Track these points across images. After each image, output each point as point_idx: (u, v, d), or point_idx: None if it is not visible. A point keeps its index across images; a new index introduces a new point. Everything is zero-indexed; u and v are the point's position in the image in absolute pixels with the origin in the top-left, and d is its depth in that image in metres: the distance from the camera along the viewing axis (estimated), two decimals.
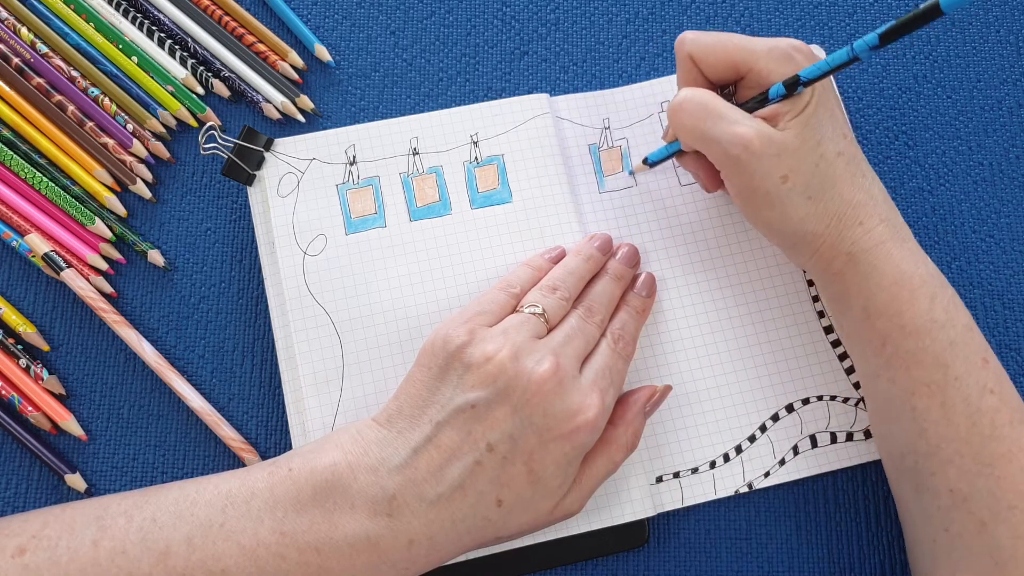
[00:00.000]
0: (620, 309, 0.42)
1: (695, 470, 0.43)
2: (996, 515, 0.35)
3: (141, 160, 0.47)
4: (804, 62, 0.38)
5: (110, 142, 0.47)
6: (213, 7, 0.50)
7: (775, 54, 0.38)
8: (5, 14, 0.49)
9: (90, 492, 0.43)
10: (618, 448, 0.39)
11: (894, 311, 0.38)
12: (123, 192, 0.47)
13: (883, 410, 0.39)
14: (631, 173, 0.47)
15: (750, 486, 0.43)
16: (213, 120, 0.48)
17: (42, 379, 0.44)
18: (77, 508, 0.35)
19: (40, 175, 0.46)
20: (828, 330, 0.45)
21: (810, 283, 0.45)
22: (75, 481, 0.43)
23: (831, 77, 0.38)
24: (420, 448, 0.35)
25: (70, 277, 0.44)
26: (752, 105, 0.39)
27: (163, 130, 0.48)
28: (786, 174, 0.38)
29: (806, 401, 0.44)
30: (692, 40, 0.40)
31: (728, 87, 0.42)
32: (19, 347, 0.45)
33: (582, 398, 0.36)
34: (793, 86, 0.37)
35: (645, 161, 0.46)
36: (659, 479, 0.42)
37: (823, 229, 0.38)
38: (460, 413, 0.35)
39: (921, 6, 0.31)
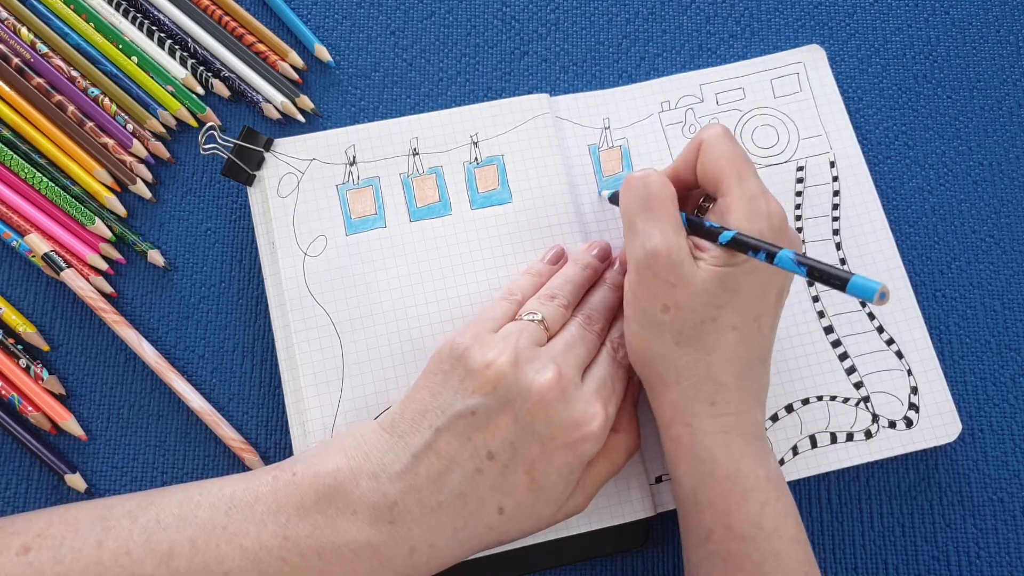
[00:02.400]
0: (618, 318, 0.42)
1: None
2: None
3: (141, 160, 0.47)
4: (768, 234, 0.35)
5: (110, 142, 0.47)
6: (213, 7, 0.50)
7: (753, 204, 0.36)
8: (5, 14, 0.49)
9: (90, 492, 0.43)
10: (620, 451, 0.39)
11: (722, 508, 0.36)
12: (123, 192, 0.47)
13: None
14: (600, 194, 0.47)
15: None
16: (213, 120, 0.48)
17: (42, 379, 0.44)
18: (81, 508, 0.35)
19: (40, 175, 0.46)
20: (828, 330, 0.45)
21: (810, 283, 0.45)
22: (75, 481, 0.43)
23: (789, 289, 0.38)
24: (420, 454, 0.35)
25: (70, 277, 0.44)
26: (701, 229, 0.37)
27: (163, 130, 0.48)
28: (669, 305, 0.36)
29: (806, 401, 0.44)
30: (714, 134, 0.38)
31: (706, 200, 0.40)
32: (19, 347, 0.45)
33: (585, 408, 0.36)
34: (733, 244, 0.35)
35: (611, 199, 0.45)
36: (659, 479, 0.42)
37: (673, 381, 0.37)
38: (460, 419, 0.35)
39: (836, 273, 0.31)
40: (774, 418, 0.43)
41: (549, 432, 0.35)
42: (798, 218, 0.46)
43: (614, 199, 0.44)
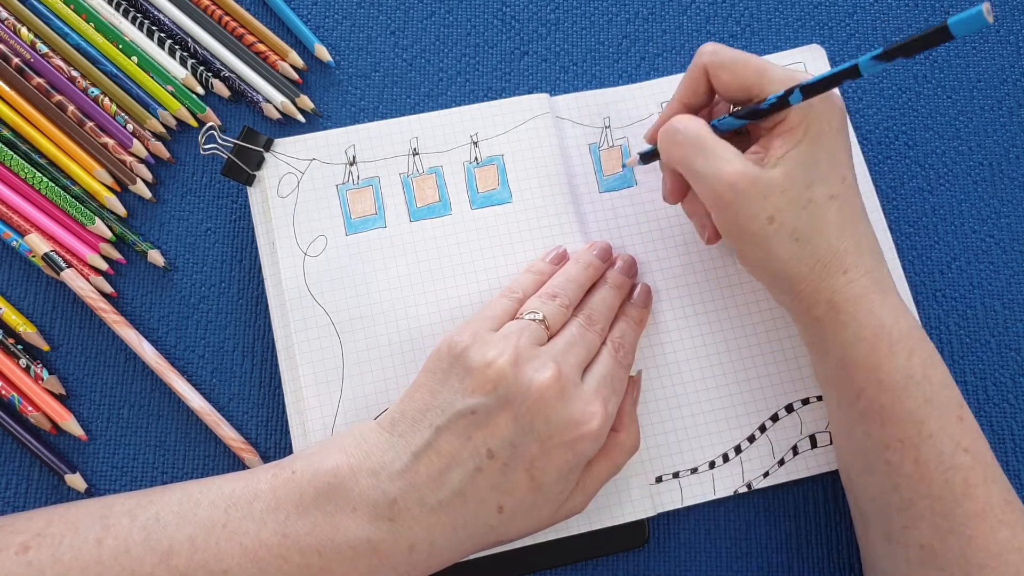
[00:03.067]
0: (619, 319, 0.42)
1: (695, 470, 0.43)
2: (967, 574, 0.35)
3: (141, 160, 0.47)
4: (817, 99, 0.37)
5: (110, 142, 0.47)
6: (213, 7, 0.50)
7: (791, 84, 0.37)
8: (5, 14, 0.49)
9: (90, 492, 0.43)
10: (620, 451, 0.39)
11: (871, 364, 0.37)
12: (123, 192, 0.47)
13: (856, 461, 0.39)
14: (624, 166, 0.47)
15: (749, 486, 0.43)
16: (213, 120, 0.48)
17: (42, 379, 0.44)
18: (81, 507, 0.35)
19: (40, 175, 0.46)
20: None
21: None
22: (75, 481, 0.43)
23: (848, 120, 0.37)
24: (421, 453, 0.35)
25: (70, 277, 0.44)
26: (744, 113, 0.38)
27: (163, 130, 0.48)
28: (772, 215, 0.37)
29: (806, 401, 0.44)
30: (711, 53, 0.39)
31: (737, 106, 0.41)
32: (19, 347, 0.45)
33: (585, 406, 0.36)
34: (786, 97, 0.36)
35: (641, 156, 0.46)
36: (659, 479, 0.42)
37: (807, 272, 0.38)
38: (460, 418, 0.35)
39: (931, 28, 0.30)
40: (774, 418, 0.43)
41: (548, 431, 0.35)
42: None
43: (646, 157, 0.44)
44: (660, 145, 0.40)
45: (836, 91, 0.38)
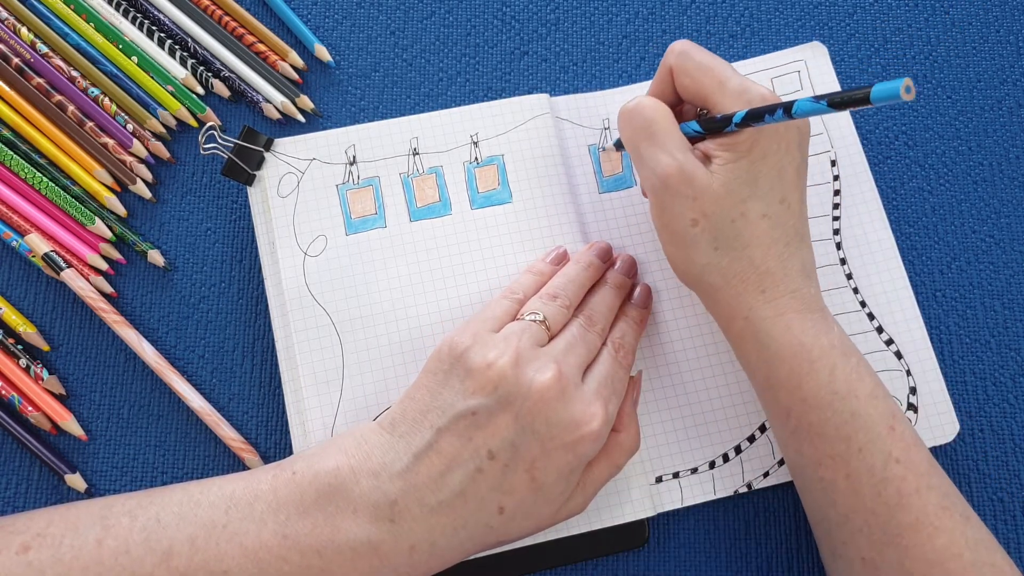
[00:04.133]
0: (619, 319, 0.42)
1: (695, 470, 0.43)
2: None
3: (141, 160, 0.47)
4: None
5: (110, 142, 0.47)
6: (213, 7, 0.50)
7: (745, 97, 0.36)
8: (5, 14, 0.49)
9: (90, 492, 0.43)
10: (620, 452, 0.39)
11: (794, 384, 0.37)
12: (123, 192, 0.47)
13: (796, 479, 0.39)
14: (603, 149, 0.47)
15: (749, 486, 0.43)
16: (213, 120, 0.48)
17: (42, 379, 0.44)
18: (82, 507, 0.35)
19: (40, 175, 0.46)
20: None
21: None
22: (75, 481, 0.43)
23: (808, 143, 0.38)
24: (421, 454, 0.35)
25: (70, 277, 0.44)
26: (713, 124, 0.37)
27: (163, 130, 0.48)
28: (697, 218, 0.37)
29: None
30: (680, 52, 0.38)
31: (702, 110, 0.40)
32: (19, 347, 0.45)
33: (585, 407, 0.36)
34: (748, 118, 0.35)
35: (616, 144, 0.46)
36: (659, 479, 0.42)
37: (722, 284, 0.37)
38: (461, 419, 0.35)
39: (856, 90, 0.30)
40: None
41: (549, 432, 0.35)
42: None
43: (620, 144, 0.45)
44: (618, 123, 0.40)
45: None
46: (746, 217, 0.37)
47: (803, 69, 0.49)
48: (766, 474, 0.43)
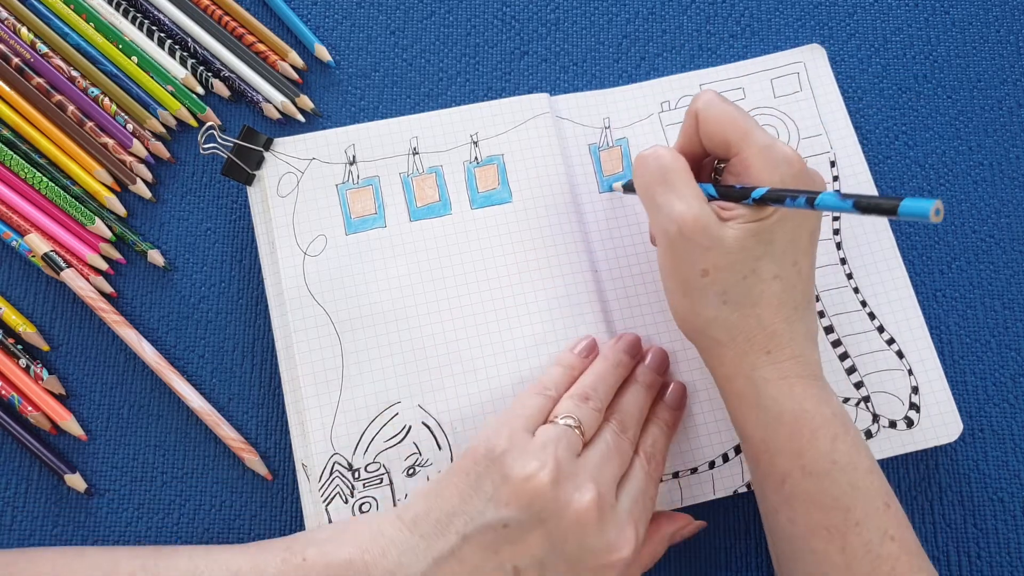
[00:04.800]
0: (650, 422, 0.41)
1: (695, 470, 0.43)
2: None
3: (141, 160, 0.47)
4: (790, 180, 0.35)
5: (110, 142, 0.47)
6: (213, 7, 0.50)
7: (767, 154, 0.35)
8: (5, 14, 0.49)
9: (90, 492, 0.43)
10: (636, 567, 0.38)
11: (794, 449, 0.36)
12: (123, 192, 0.47)
13: (783, 548, 0.38)
14: (611, 189, 0.46)
15: (749, 486, 0.43)
16: (213, 120, 0.48)
17: (42, 379, 0.44)
18: (87, 557, 0.34)
19: (40, 175, 0.46)
20: (828, 330, 0.45)
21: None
22: (75, 481, 0.43)
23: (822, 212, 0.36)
24: (442, 560, 0.34)
25: (70, 277, 0.44)
26: (731, 193, 0.36)
27: (163, 130, 0.48)
28: (708, 269, 0.35)
29: None
30: (705, 101, 0.38)
31: (720, 162, 0.40)
32: (19, 347, 0.45)
33: (618, 533, 0.35)
34: (768, 197, 0.34)
35: (624, 187, 0.45)
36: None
37: (728, 340, 0.36)
38: (490, 530, 0.34)
39: (886, 199, 0.29)
40: None
41: (580, 554, 0.34)
42: None
43: (629, 187, 0.44)
44: (633, 169, 0.38)
45: (820, 177, 0.37)
46: (758, 275, 0.35)
47: (802, 71, 0.49)
48: None
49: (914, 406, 0.43)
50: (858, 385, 0.44)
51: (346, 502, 0.41)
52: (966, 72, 0.51)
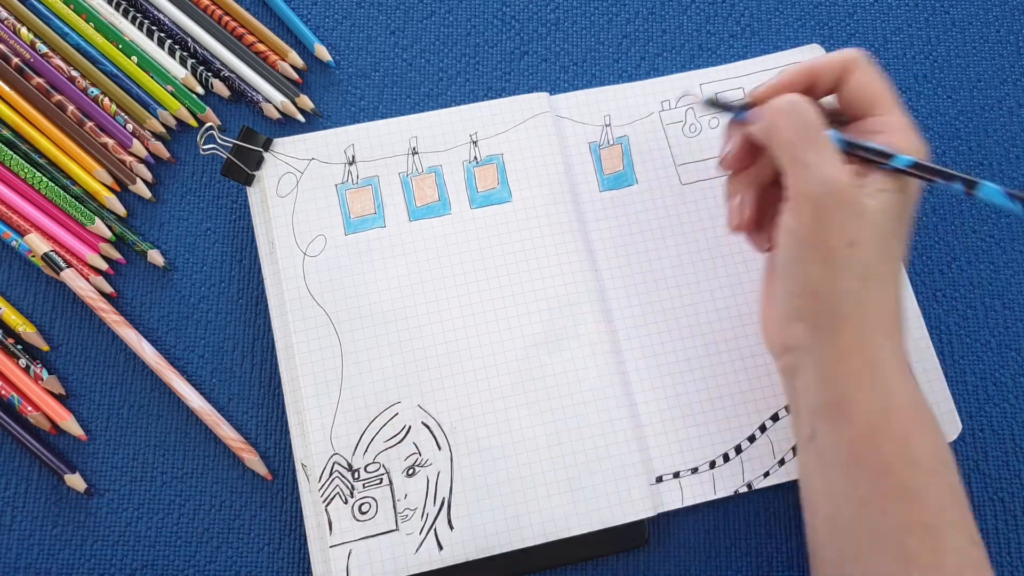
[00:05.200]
0: None
1: (695, 470, 0.43)
2: None
3: (141, 160, 0.47)
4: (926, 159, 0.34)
5: (110, 142, 0.47)
6: (213, 7, 0.50)
7: (908, 134, 0.35)
8: (5, 14, 0.49)
9: (90, 492, 0.43)
10: None
11: (901, 440, 0.34)
12: (123, 192, 0.47)
13: (860, 541, 0.34)
14: (680, 102, 0.45)
15: (750, 486, 0.43)
16: (213, 120, 0.48)
17: (42, 379, 0.44)
18: None
19: (40, 175, 0.46)
20: None
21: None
22: (75, 481, 0.43)
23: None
24: None
25: (70, 277, 0.44)
26: (868, 152, 0.34)
27: (163, 130, 0.48)
28: (855, 240, 0.33)
29: None
30: (864, 56, 0.36)
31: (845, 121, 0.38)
32: (19, 347, 0.45)
33: None
34: (915, 168, 0.33)
35: (712, 102, 0.39)
36: (659, 479, 0.42)
37: (856, 317, 0.34)
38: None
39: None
40: (775, 418, 0.43)
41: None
42: None
43: (719, 106, 0.38)
44: (770, 115, 0.35)
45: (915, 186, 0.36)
46: (891, 253, 0.34)
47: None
48: (766, 474, 0.43)
49: None
50: None
51: (346, 502, 0.41)
52: (966, 72, 0.51)
